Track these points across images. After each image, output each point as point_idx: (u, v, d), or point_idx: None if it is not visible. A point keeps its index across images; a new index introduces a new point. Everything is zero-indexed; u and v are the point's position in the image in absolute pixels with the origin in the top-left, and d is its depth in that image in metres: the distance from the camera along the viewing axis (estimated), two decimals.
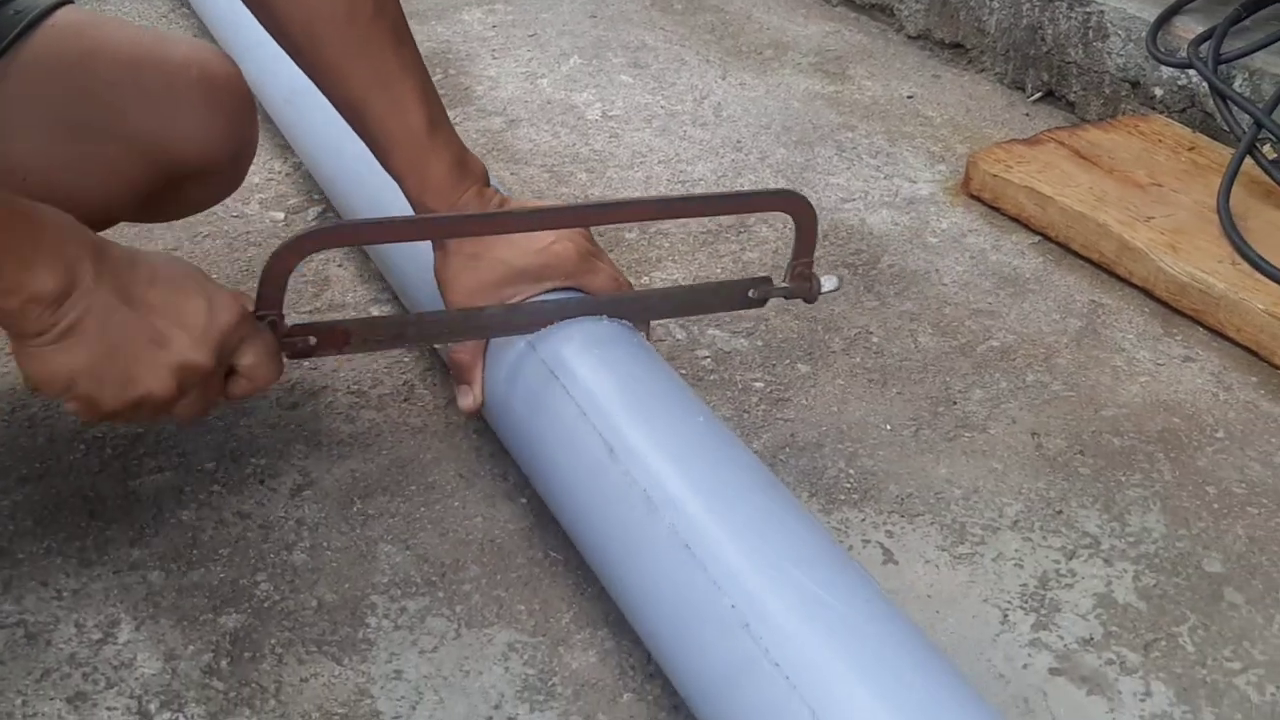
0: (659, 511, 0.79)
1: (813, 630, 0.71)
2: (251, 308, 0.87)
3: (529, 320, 0.94)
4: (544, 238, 0.95)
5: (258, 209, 1.40)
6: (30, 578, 0.92)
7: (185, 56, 1.03)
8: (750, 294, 1.01)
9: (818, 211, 0.98)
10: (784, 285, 1.00)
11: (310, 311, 1.22)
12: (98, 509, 0.98)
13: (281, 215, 1.39)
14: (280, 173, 1.47)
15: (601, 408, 0.87)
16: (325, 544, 0.96)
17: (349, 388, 1.12)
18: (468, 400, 0.97)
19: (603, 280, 0.96)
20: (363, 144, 0.96)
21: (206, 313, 0.83)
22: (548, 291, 0.95)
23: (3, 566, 0.92)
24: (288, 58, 0.95)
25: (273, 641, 0.88)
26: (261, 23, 0.94)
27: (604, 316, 0.95)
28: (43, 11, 0.98)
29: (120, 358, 0.80)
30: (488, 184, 0.96)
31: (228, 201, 1.39)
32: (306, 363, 1.13)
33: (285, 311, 0.90)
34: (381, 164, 0.96)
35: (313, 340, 0.92)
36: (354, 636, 0.88)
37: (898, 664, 0.69)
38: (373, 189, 1.07)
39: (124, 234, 1.18)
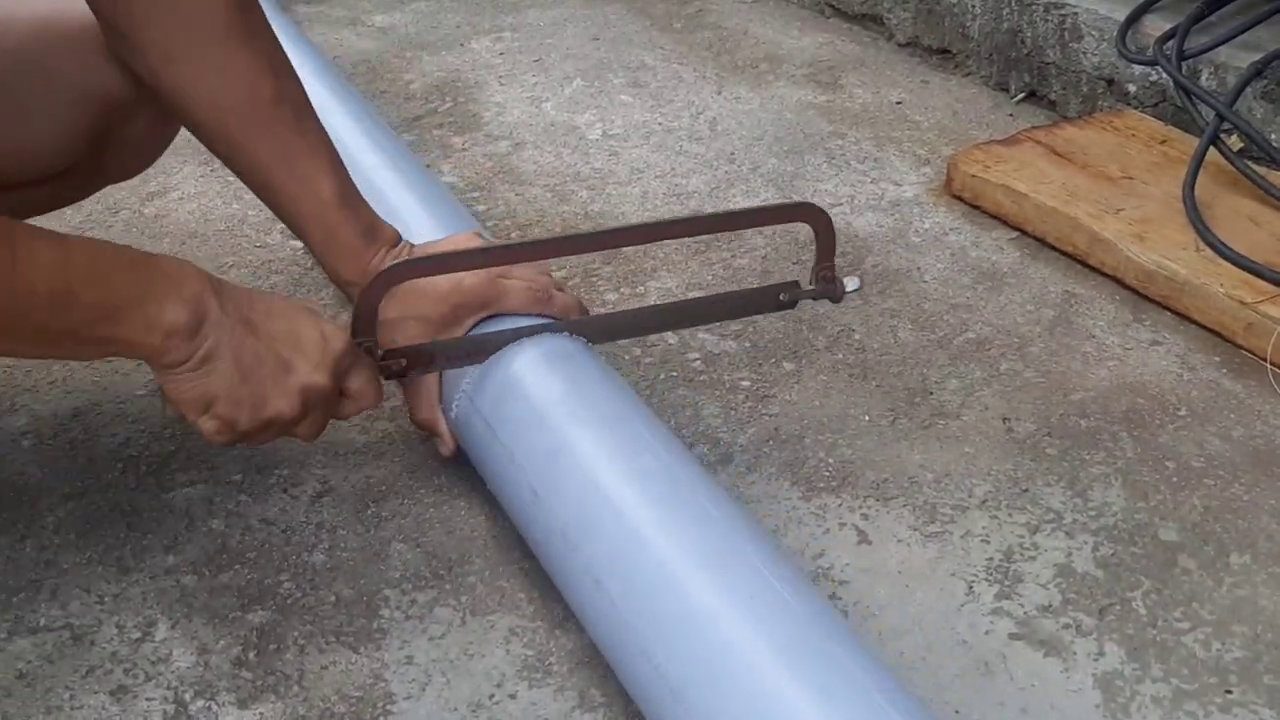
0: (577, 550, 0.87)
1: (699, 657, 0.77)
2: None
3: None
4: (449, 282, 1.02)
5: (279, 239, 1.48)
6: (74, 585, 1.00)
7: (86, 12, 1.06)
8: (781, 297, 1.09)
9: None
10: (811, 288, 1.08)
11: None
12: (134, 521, 1.06)
13: (301, 244, 1.47)
14: None
15: (526, 453, 0.95)
16: (342, 545, 1.04)
17: None
18: (444, 450, 1.07)
19: (515, 298, 1.04)
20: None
21: (321, 340, 0.92)
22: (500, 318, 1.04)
23: (49, 576, 1.00)
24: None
25: (295, 634, 0.96)
26: (171, 109, 1.00)
27: (567, 334, 1.04)
28: None
29: (253, 381, 0.89)
30: (396, 245, 1.04)
31: (249, 233, 1.48)
32: None
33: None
34: (295, 234, 1.03)
35: (404, 362, 1.01)
36: (369, 627, 0.96)
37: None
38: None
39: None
